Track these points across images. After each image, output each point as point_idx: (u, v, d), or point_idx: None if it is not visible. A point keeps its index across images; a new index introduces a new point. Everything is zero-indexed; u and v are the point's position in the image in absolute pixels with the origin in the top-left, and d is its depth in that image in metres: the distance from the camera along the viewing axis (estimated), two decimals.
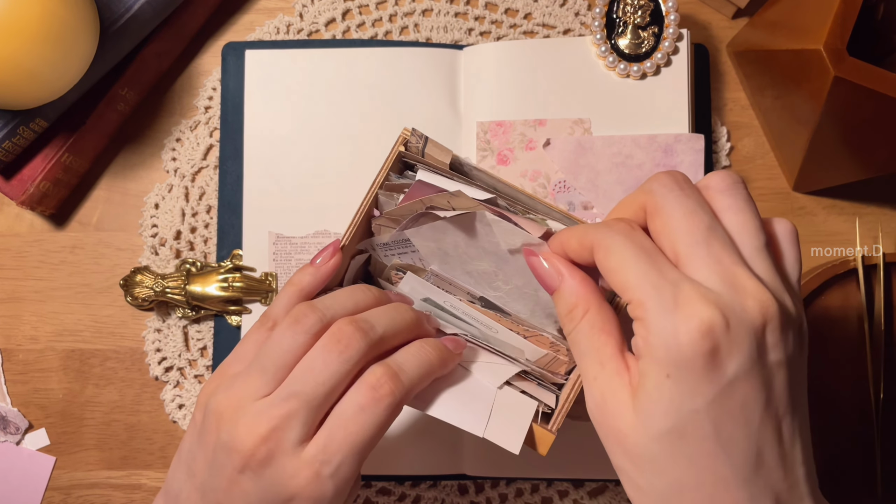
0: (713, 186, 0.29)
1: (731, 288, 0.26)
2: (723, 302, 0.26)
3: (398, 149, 0.38)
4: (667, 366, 0.26)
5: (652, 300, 0.26)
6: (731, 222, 0.28)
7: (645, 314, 0.27)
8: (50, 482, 0.53)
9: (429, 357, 0.33)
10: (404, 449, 0.50)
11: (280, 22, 0.54)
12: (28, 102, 0.44)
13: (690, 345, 0.25)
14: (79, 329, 0.53)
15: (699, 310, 0.25)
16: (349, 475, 0.31)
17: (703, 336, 0.25)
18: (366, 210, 0.38)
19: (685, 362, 0.26)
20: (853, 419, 0.49)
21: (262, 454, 0.30)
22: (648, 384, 0.27)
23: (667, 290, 0.26)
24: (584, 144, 0.48)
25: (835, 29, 0.39)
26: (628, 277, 0.27)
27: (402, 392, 0.32)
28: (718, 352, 0.26)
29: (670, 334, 0.26)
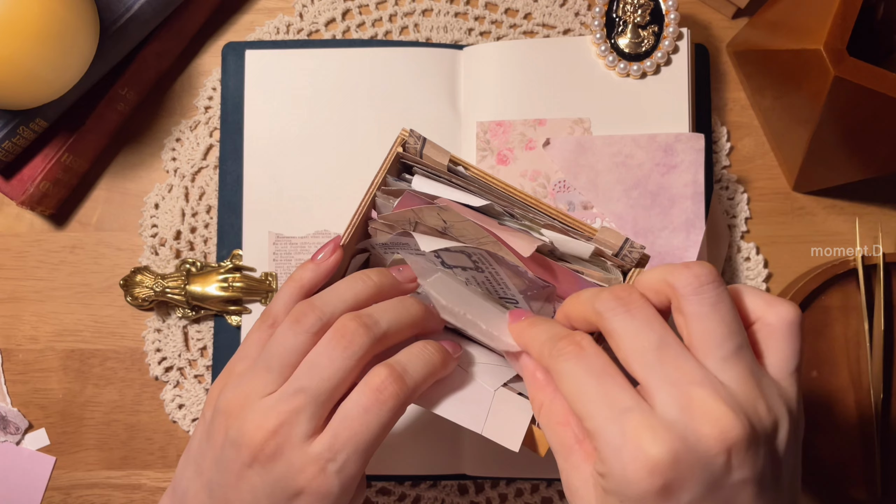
0: (679, 290, 0.28)
1: (686, 412, 0.25)
2: (674, 433, 0.25)
3: (396, 150, 0.38)
4: (620, 496, 0.26)
5: (602, 434, 0.26)
6: (696, 330, 0.27)
7: (598, 445, 0.27)
8: (50, 482, 0.53)
9: (432, 358, 0.33)
10: (404, 449, 0.50)
11: (280, 22, 0.54)
12: (28, 102, 0.44)
13: (638, 483, 0.25)
14: (79, 329, 0.53)
15: (644, 446, 0.25)
16: (354, 473, 0.31)
17: (649, 474, 0.25)
18: (364, 211, 0.38)
19: (635, 498, 0.26)
20: (853, 419, 0.49)
21: (270, 448, 0.31)
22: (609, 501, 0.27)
23: (613, 424, 0.26)
24: (584, 144, 0.48)
25: (835, 29, 0.39)
26: (582, 405, 0.28)
27: (405, 394, 0.32)
28: (670, 486, 0.25)
29: (619, 471, 0.26)
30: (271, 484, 0.31)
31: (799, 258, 0.52)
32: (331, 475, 0.31)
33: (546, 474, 0.50)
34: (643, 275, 0.30)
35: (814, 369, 0.50)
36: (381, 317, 0.33)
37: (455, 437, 0.50)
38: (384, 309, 0.33)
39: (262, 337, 0.35)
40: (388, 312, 0.33)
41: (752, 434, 0.25)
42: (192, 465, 0.34)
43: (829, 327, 0.50)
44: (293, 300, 0.35)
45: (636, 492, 0.25)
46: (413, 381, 0.32)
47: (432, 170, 0.38)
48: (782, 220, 0.53)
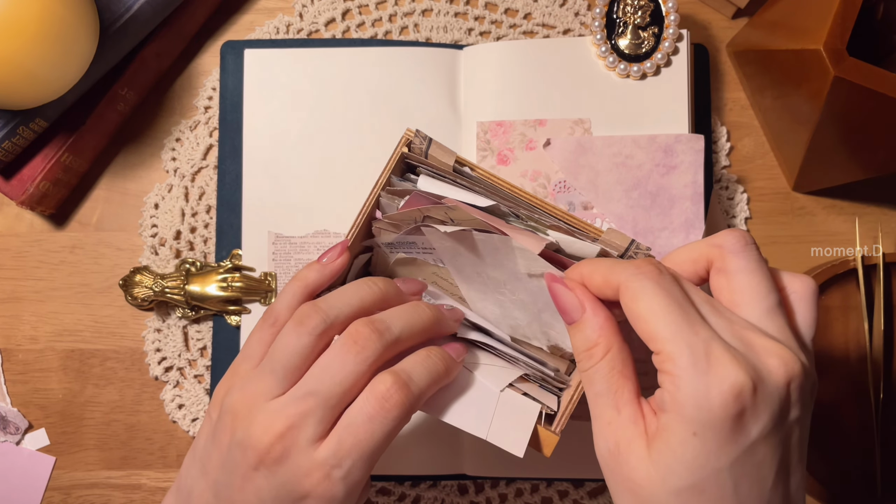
0: (727, 247, 0.29)
1: (751, 350, 0.27)
2: (751, 364, 0.26)
3: (401, 150, 0.37)
4: (694, 424, 0.26)
5: (684, 357, 0.26)
6: (742, 283, 0.29)
7: (675, 370, 0.27)
8: (50, 482, 0.53)
9: (437, 367, 0.33)
10: (404, 449, 0.50)
11: (280, 22, 0.54)
12: (28, 102, 0.44)
13: (722, 407, 0.26)
14: (79, 329, 0.53)
15: (731, 372, 0.26)
16: (359, 479, 0.31)
17: (734, 399, 0.26)
18: (368, 211, 0.38)
19: (714, 423, 0.26)
20: (853, 419, 0.49)
21: (277, 451, 0.31)
22: (672, 439, 0.27)
23: (699, 348, 0.26)
24: (584, 144, 0.48)
25: (835, 29, 0.39)
26: (658, 328, 0.27)
27: (410, 402, 0.32)
28: (745, 414, 0.26)
29: (702, 395, 0.26)
30: (277, 487, 0.31)
31: (799, 258, 0.52)
32: (336, 481, 0.31)
33: (546, 474, 0.50)
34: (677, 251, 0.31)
35: None
36: (394, 323, 0.33)
37: (455, 437, 0.50)
38: (397, 315, 0.33)
39: (264, 337, 0.35)
40: (401, 318, 0.33)
41: (806, 371, 0.27)
42: (197, 464, 0.34)
43: (829, 327, 0.50)
44: (297, 300, 0.35)
45: (717, 416, 0.26)
46: (418, 389, 0.32)
47: (437, 170, 0.37)
48: (782, 220, 0.53)
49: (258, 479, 0.31)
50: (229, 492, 0.32)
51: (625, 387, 0.29)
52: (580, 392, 0.36)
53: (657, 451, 0.27)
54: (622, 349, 0.30)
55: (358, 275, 0.41)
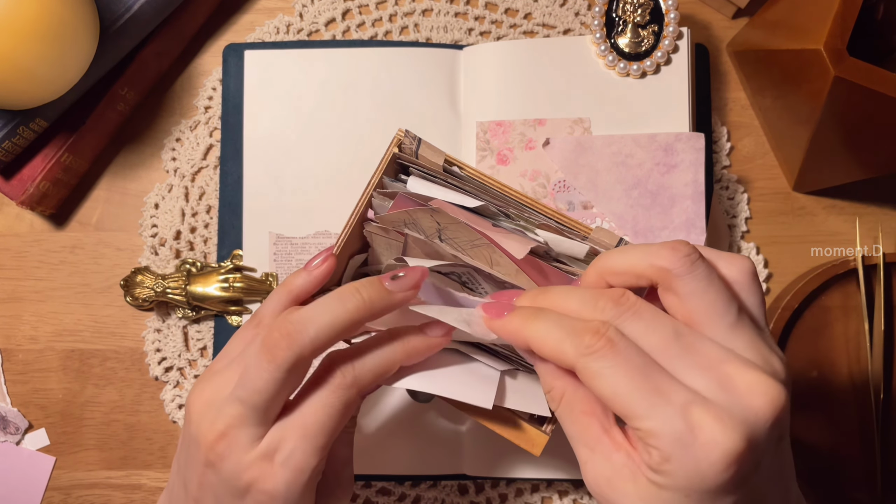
0: (674, 270, 0.27)
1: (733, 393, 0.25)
2: (738, 418, 0.25)
3: (392, 150, 0.38)
4: (688, 491, 0.25)
5: (665, 435, 0.25)
6: (698, 306, 0.27)
7: (660, 445, 0.25)
8: (50, 482, 0.53)
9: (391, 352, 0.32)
10: (404, 449, 0.50)
11: (280, 22, 0.54)
12: (28, 102, 0.44)
13: (716, 477, 0.25)
14: (79, 329, 0.53)
15: (719, 438, 0.24)
16: (303, 463, 0.31)
17: (727, 467, 0.24)
18: (360, 212, 0.38)
19: (709, 490, 0.25)
20: (853, 419, 0.49)
21: (220, 449, 0.31)
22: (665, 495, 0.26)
23: (677, 420, 0.25)
24: (584, 144, 0.48)
25: (835, 29, 0.39)
26: (629, 406, 0.26)
27: (352, 379, 0.32)
28: (744, 473, 0.25)
29: (693, 469, 0.25)
30: (223, 483, 0.31)
31: (799, 258, 0.52)
32: (276, 467, 0.31)
33: (546, 474, 0.50)
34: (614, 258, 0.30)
35: (814, 369, 0.50)
36: (311, 322, 0.31)
37: (455, 437, 0.50)
38: (317, 311, 0.31)
39: (246, 337, 0.35)
40: (320, 315, 0.31)
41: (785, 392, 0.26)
42: (175, 461, 0.35)
43: (829, 327, 0.50)
44: (282, 306, 0.36)
45: (710, 485, 0.25)
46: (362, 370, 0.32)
47: (428, 170, 0.38)
48: (782, 220, 0.53)
49: (209, 476, 0.32)
50: (192, 487, 0.32)
51: (589, 425, 0.28)
52: None
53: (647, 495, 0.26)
54: (578, 388, 0.29)
55: (354, 275, 0.41)
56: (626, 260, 0.29)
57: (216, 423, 0.31)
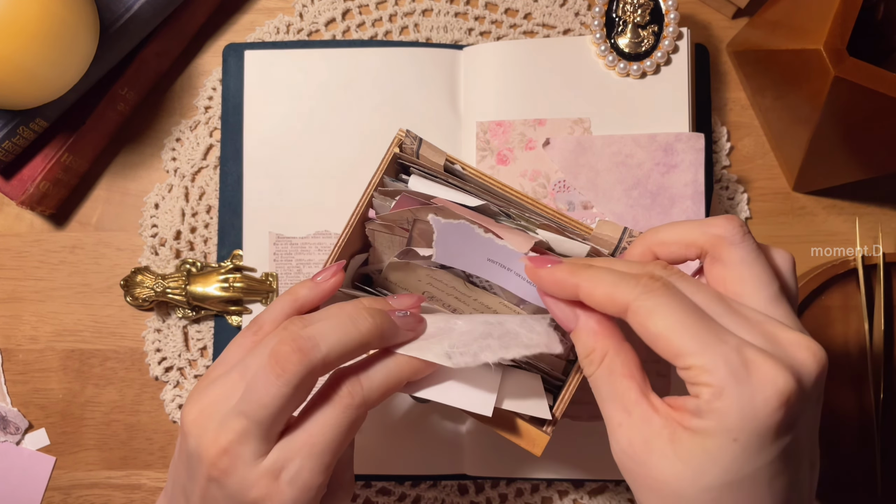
0: (726, 238, 0.29)
1: (779, 345, 0.26)
2: (788, 362, 0.26)
3: (393, 150, 0.38)
4: (736, 432, 0.26)
5: (721, 368, 0.25)
6: (745, 275, 0.29)
7: (714, 381, 0.26)
8: (50, 482, 0.53)
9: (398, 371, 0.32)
10: (404, 449, 0.50)
11: (280, 22, 0.54)
12: (28, 102, 0.44)
13: (769, 415, 0.25)
14: (79, 329, 0.53)
15: (774, 378, 0.25)
16: (310, 482, 0.31)
17: (781, 405, 0.25)
18: (361, 212, 0.38)
19: (759, 430, 0.25)
20: (853, 419, 0.49)
21: (223, 465, 0.30)
22: (709, 443, 0.26)
23: (733, 356, 0.26)
24: (584, 144, 0.48)
25: (835, 29, 0.39)
26: (683, 344, 0.26)
27: (360, 396, 0.31)
28: (792, 417, 0.26)
29: (747, 404, 0.25)
30: (228, 498, 0.31)
31: (799, 258, 0.52)
32: (283, 485, 0.30)
33: (546, 474, 0.50)
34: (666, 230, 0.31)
35: None
36: (323, 340, 0.31)
37: (455, 437, 0.50)
38: (329, 329, 0.31)
39: (245, 343, 0.34)
40: (332, 334, 0.31)
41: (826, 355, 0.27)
42: (173, 468, 0.34)
43: (829, 327, 0.50)
44: (284, 314, 0.35)
45: (762, 424, 0.25)
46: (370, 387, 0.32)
47: (429, 170, 0.38)
48: (782, 220, 0.53)
49: (213, 490, 0.31)
50: (194, 499, 0.32)
51: (629, 388, 0.28)
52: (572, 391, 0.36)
53: (688, 451, 0.26)
54: (620, 351, 0.29)
55: (354, 274, 0.41)
56: (677, 230, 0.30)
57: (219, 437, 0.30)
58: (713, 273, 0.30)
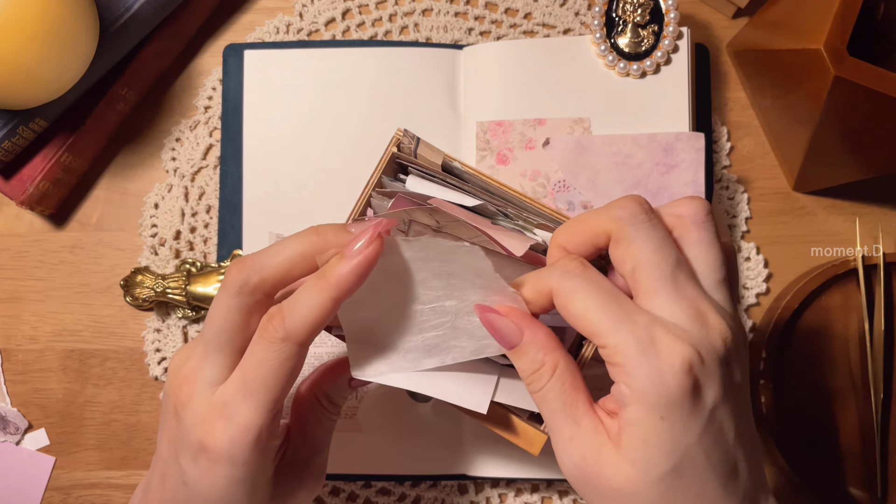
0: (688, 217, 0.30)
1: (698, 323, 0.28)
2: (694, 338, 0.28)
3: (391, 150, 0.38)
4: (659, 408, 0.27)
5: (630, 346, 0.27)
6: (699, 256, 0.30)
7: (625, 360, 0.27)
8: (50, 482, 0.53)
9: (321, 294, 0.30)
10: (404, 449, 0.50)
11: (280, 22, 0.54)
12: (28, 102, 0.44)
13: (678, 385, 0.27)
14: (78, 329, 0.53)
15: (677, 349, 0.27)
16: (247, 421, 0.30)
17: (686, 373, 0.27)
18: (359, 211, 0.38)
19: (675, 402, 0.27)
20: (853, 419, 0.49)
21: (183, 395, 0.31)
22: (642, 430, 0.27)
23: (642, 334, 0.27)
24: (584, 143, 0.48)
25: (835, 29, 0.39)
26: (598, 323, 0.28)
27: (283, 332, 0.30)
28: (699, 386, 0.27)
29: (657, 377, 0.27)
30: (183, 436, 0.31)
31: (799, 258, 0.52)
32: (222, 423, 0.30)
33: (546, 474, 0.50)
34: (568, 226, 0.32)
35: (814, 369, 0.50)
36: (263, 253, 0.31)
37: (455, 437, 0.50)
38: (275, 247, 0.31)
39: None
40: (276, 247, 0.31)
41: (741, 340, 0.29)
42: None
43: (829, 327, 0.50)
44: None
45: (675, 394, 0.27)
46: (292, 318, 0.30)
47: (427, 169, 0.38)
48: (782, 220, 0.53)
49: (174, 428, 0.31)
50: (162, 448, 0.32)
51: (578, 398, 0.29)
52: None
53: (629, 448, 0.27)
54: (569, 362, 0.30)
55: None
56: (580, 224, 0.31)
57: (183, 367, 0.31)
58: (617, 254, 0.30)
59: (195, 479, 0.30)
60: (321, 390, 0.36)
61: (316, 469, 0.35)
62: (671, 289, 0.28)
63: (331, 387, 0.36)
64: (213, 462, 0.30)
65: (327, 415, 0.36)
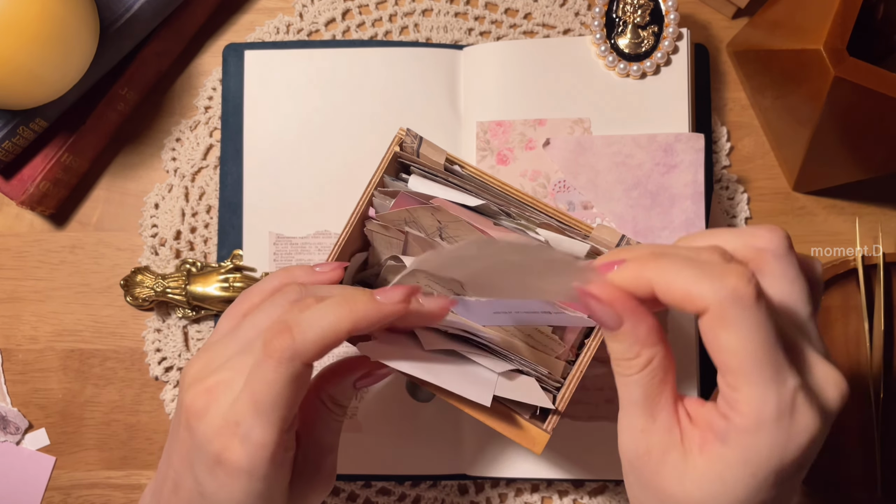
0: (773, 250, 0.28)
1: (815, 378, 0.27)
2: (821, 403, 0.26)
3: (394, 149, 0.38)
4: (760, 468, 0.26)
5: (770, 409, 0.25)
6: (785, 291, 0.27)
7: (755, 415, 0.25)
8: (50, 482, 0.53)
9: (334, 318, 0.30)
10: (404, 449, 0.50)
11: (280, 22, 0.54)
12: (28, 102, 0.44)
13: (797, 458, 0.26)
14: (78, 329, 0.53)
15: (812, 423, 0.25)
16: (261, 439, 0.29)
17: (810, 448, 0.26)
18: (361, 211, 0.38)
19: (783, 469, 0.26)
20: (853, 419, 0.49)
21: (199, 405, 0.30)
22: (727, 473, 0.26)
23: (786, 400, 0.25)
24: (584, 144, 0.48)
25: (835, 29, 0.39)
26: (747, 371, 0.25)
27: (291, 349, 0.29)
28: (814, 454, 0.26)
29: (781, 446, 0.25)
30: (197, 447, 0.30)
31: None
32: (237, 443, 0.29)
33: (546, 474, 0.50)
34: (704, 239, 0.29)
35: None
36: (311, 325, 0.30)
37: (455, 437, 0.50)
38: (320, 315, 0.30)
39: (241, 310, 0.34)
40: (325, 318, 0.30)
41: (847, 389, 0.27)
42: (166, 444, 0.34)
43: (829, 327, 0.50)
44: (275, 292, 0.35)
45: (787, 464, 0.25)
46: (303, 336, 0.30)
47: (429, 169, 0.38)
48: (782, 220, 0.53)
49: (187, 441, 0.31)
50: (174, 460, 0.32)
51: (663, 394, 0.28)
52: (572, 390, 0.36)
53: (702, 474, 0.26)
54: (666, 357, 0.28)
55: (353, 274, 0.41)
56: (718, 238, 0.28)
57: (205, 381, 0.31)
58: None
59: (213, 491, 0.30)
60: (326, 393, 0.36)
61: (326, 471, 0.35)
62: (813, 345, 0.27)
63: (335, 389, 0.36)
64: (231, 476, 0.30)
65: (333, 417, 0.36)
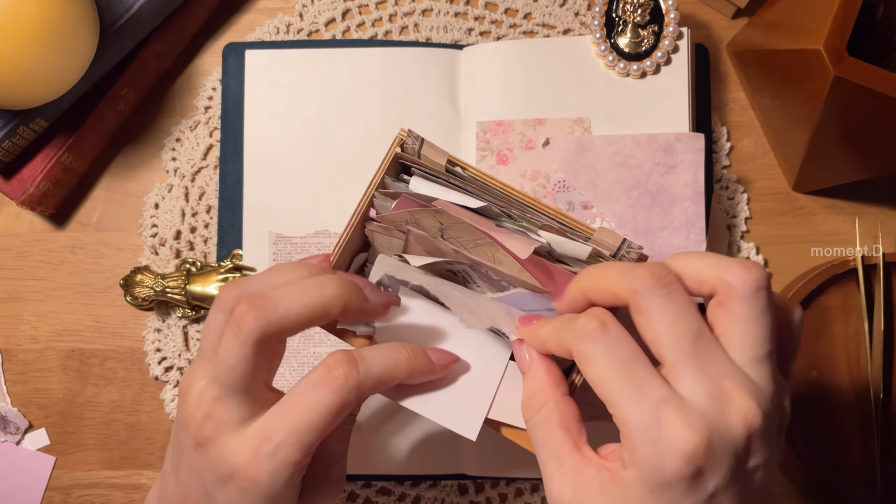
0: (737, 290, 0.28)
1: (716, 403, 0.27)
2: (706, 422, 0.26)
3: (395, 150, 0.38)
4: (650, 484, 0.27)
5: (635, 424, 0.27)
6: (739, 331, 0.28)
7: (629, 434, 0.27)
8: (50, 482, 0.53)
9: (398, 358, 0.32)
10: (404, 449, 0.50)
11: (280, 22, 0.54)
12: (28, 102, 0.44)
13: (675, 471, 0.26)
14: (79, 329, 0.53)
15: (681, 435, 0.26)
16: (290, 458, 0.30)
17: (686, 462, 0.26)
18: (362, 212, 0.38)
19: (668, 484, 0.26)
20: (853, 419, 0.49)
21: (206, 431, 0.30)
22: (630, 496, 0.27)
23: (648, 413, 0.26)
24: (584, 144, 0.48)
25: (835, 29, 0.39)
26: (610, 393, 0.28)
27: (355, 379, 0.30)
28: (701, 472, 0.26)
29: (655, 460, 0.26)
30: (209, 466, 0.30)
31: (799, 258, 0.52)
32: (263, 457, 0.29)
33: None
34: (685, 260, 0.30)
35: (814, 369, 0.50)
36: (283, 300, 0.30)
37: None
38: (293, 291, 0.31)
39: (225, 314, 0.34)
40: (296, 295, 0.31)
41: (768, 421, 0.27)
42: (169, 448, 0.34)
43: (829, 327, 0.50)
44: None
45: (670, 478, 0.26)
46: (367, 370, 0.31)
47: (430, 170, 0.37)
48: (782, 220, 0.53)
49: (196, 459, 0.31)
50: (181, 472, 0.32)
51: (563, 440, 0.30)
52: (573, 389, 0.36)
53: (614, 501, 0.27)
54: (560, 402, 0.31)
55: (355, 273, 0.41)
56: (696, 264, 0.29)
57: (200, 405, 0.30)
58: (713, 315, 0.29)
59: None
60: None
61: (335, 478, 0.35)
62: (693, 364, 0.27)
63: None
64: (245, 492, 0.30)
65: (343, 425, 0.36)
